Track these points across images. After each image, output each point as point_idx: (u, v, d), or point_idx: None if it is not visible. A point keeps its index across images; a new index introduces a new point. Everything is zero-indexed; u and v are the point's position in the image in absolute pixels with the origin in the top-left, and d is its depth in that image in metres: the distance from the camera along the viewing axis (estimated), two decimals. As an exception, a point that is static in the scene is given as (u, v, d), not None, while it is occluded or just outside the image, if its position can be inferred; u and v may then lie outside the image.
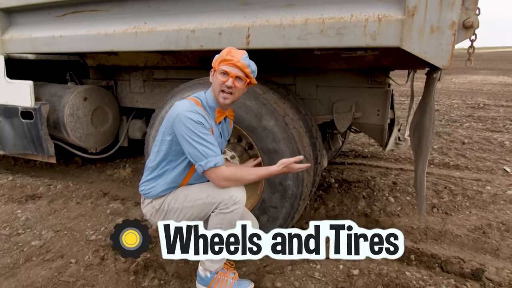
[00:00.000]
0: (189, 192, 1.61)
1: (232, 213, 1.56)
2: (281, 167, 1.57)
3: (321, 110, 2.51)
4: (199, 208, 1.58)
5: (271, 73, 2.55)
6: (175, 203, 1.59)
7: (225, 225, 1.56)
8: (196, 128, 1.47)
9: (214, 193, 1.56)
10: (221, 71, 1.55)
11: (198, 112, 1.51)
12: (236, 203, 1.56)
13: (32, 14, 2.60)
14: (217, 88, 1.58)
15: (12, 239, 2.07)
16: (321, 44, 1.64)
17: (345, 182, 3.11)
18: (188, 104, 1.54)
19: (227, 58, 1.55)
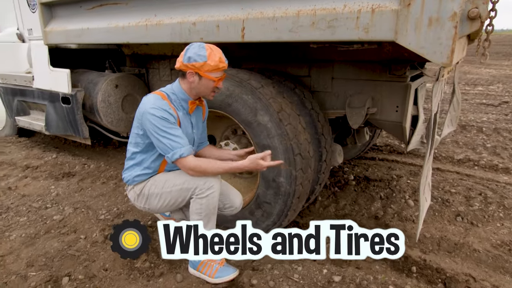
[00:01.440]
0: (168, 178, 1.69)
1: (207, 197, 1.62)
2: (247, 162, 1.60)
3: (336, 104, 2.38)
4: (176, 194, 1.66)
5: (286, 64, 2.47)
6: (155, 188, 1.69)
7: (204, 210, 1.64)
8: (160, 123, 1.55)
9: (190, 179, 1.64)
10: (216, 77, 1.62)
11: (162, 108, 1.58)
12: (210, 187, 1.62)
13: (68, 8, 2.82)
14: (207, 91, 1.66)
15: (40, 212, 2.35)
16: (313, 37, 1.54)
17: (364, 179, 2.94)
18: (152, 100, 1.60)
19: (220, 66, 1.60)
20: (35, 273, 1.77)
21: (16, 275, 1.75)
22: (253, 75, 2.00)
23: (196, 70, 1.59)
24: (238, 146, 2.18)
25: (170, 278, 1.74)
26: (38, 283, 1.70)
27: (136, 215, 2.30)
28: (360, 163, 3.47)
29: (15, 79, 3.68)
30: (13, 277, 1.73)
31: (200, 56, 1.57)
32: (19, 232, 2.10)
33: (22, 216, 2.30)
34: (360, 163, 3.47)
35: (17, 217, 2.28)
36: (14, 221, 2.24)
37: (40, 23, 2.99)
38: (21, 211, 2.35)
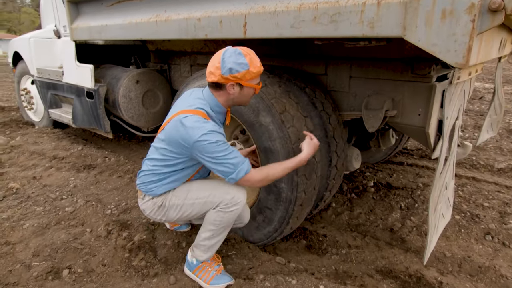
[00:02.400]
0: (190, 189, 1.61)
1: (231, 212, 1.56)
2: (307, 149, 1.54)
3: (353, 105, 2.22)
4: (199, 206, 1.59)
5: (303, 62, 2.34)
6: (176, 199, 1.60)
7: (222, 223, 1.58)
8: (217, 148, 1.40)
9: (216, 192, 1.57)
10: (257, 83, 1.53)
11: (213, 130, 1.42)
12: (237, 203, 1.55)
13: (91, 5, 2.89)
14: (248, 99, 1.57)
15: (55, 202, 2.44)
16: (315, 33, 1.41)
17: (386, 187, 2.73)
18: (198, 124, 1.42)
19: (257, 71, 1.49)
20: (38, 263, 1.82)
21: (21, 263, 1.82)
22: (259, 74, 1.90)
23: (238, 81, 1.45)
24: (243, 146, 2.10)
25: (164, 280, 1.72)
26: (40, 273, 1.76)
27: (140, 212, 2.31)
28: (385, 168, 3.24)
29: (49, 73, 3.89)
30: (18, 266, 1.80)
31: (241, 64, 1.43)
32: (32, 222, 2.19)
33: (39, 205, 2.41)
34: (385, 168, 3.24)
35: (34, 207, 2.39)
36: (31, 210, 2.35)
37: (67, 20, 3.11)
38: (38, 201, 2.46)
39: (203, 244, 1.64)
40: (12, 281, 1.72)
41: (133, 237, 2.00)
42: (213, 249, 1.66)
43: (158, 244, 1.95)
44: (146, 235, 2.00)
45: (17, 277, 1.74)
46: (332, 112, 2.06)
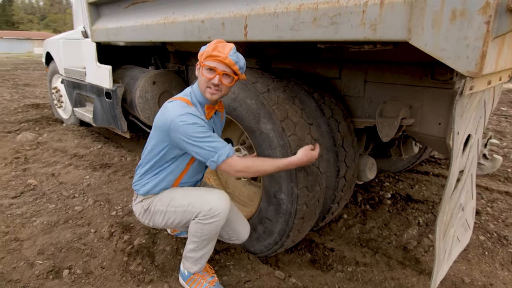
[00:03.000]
0: (174, 196, 1.58)
1: (210, 225, 1.49)
2: (301, 155, 1.46)
3: (368, 111, 2.08)
4: (180, 215, 1.54)
5: (316, 64, 2.23)
6: (160, 205, 1.58)
7: (203, 235, 1.52)
8: (195, 129, 1.38)
9: (195, 202, 1.51)
10: (207, 68, 1.45)
11: (191, 113, 1.41)
12: (215, 215, 1.48)
13: (110, 7, 2.94)
14: (203, 85, 1.48)
15: (67, 201, 2.50)
16: (315, 36, 1.31)
17: (404, 199, 2.54)
18: (178, 107, 1.43)
19: (214, 53, 1.42)
20: (41, 262, 1.86)
21: (25, 261, 1.86)
22: (262, 77, 1.81)
23: (199, 62, 1.49)
24: (248, 153, 2.02)
25: (158, 287, 1.68)
26: (41, 272, 1.79)
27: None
28: (407, 177, 3.04)
29: (74, 73, 4.03)
30: (22, 263, 1.84)
31: (204, 47, 1.47)
32: (43, 219, 2.25)
33: (52, 203, 2.47)
34: (408, 177, 3.03)
35: (47, 204, 2.46)
36: (44, 207, 2.42)
37: (88, 22, 3.18)
38: (52, 199, 2.53)
39: (190, 256, 1.58)
40: (15, 278, 1.76)
41: (133, 240, 1.99)
42: (201, 261, 1.60)
43: (157, 250, 1.92)
44: (146, 240, 1.98)
45: (20, 274, 1.78)
46: (342, 119, 1.93)
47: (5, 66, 13.61)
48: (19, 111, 5.65)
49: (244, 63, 1.51)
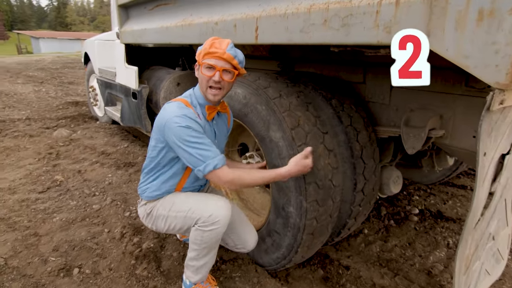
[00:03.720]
0: (175, 201, 1.54)
1: (210, 232, 1.43)
2: (292, 166, 1.38)
3: (394, 120, 1.91)
4: (181, 221, 1.50)
5: (339, 68, 2.10)
6: (162, 210, 1.55)
7: (203, 243, 1.47)
8: (187, 133, 1.35)
9: (195, 208, 1.46)
10: (206, 66, 1.40)
11: (186, 115, 1.38)
12: (214, 223, 1.42)
13: (138, 9, 2.99)
14: (204, 85, 1.44)
15: (87, 198, 2.57)
16: (325, 39, 1.19)
17: (434, 216, 2.32)
18: (175, 108, 1.41)
19: (211, 50, 1.38)
20: (54, 259, 1.91)
21: (40, 257, 1.92)
22: (276, 82, 1.72)
23: (198, 61, 1.44)
24: (262, 160, 1.94)
25: (161, 294, 1.65)
26: (53, 269, 1.83)
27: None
28: (440, 191, 2.79)
29: (106, 73, 4.17)
30: (36, 259, 1.90)
31: (201, 47, 1.44)
32: (63, 216, 2.32)
33: (73, 200, 2.55)
34: (441, 191, 2.78)
35: (69, 200, 2.54)
36: (66, 203, 2.50)
37: (118, 24, 3.27)
38: (74, 196, 2.61)
39: (191, 264, 1.53)
40: (29, 273, 1.81)
41: (142, 243, 1.98)
42: (202, 270, 1.54)
43: (164, 255, 1.90)
44: (154, 244, 1.96)
45: (33, 270, 1.83)
46: (362, 127, 1.78)
47: (55, 65, 14.60)
48: (60, 108, 5.98)
49: (243, 57, 1.47)
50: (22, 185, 2.81)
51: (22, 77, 10.39)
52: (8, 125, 4.65)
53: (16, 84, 8.94)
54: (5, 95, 7.27)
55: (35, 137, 4.11)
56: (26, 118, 5.10)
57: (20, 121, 4.90)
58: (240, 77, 1.55)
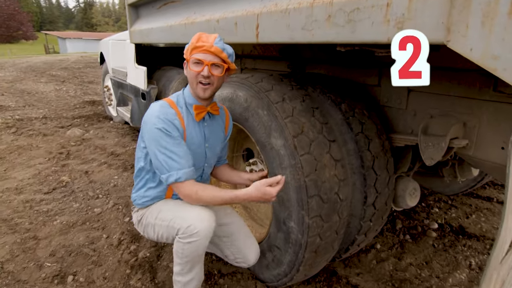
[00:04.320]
0: (162, 209, 1.46)
1: (190, 245, 1.32)
2: (252, 189, 1.29)
3: (411, 126, 1.75)
4: (166, 230, 1.41)
5: (353, 69, 1.94)
6: (150, 218, 1.47)
7: (185, 256, 1.36)
8: (160, 135, 1.30)
9: (176, 218, 1.37)
10: (194, 61, 1.33)
11: (166, 118, 1.32)
12: (192, 235, 1.31)
13: (146, 8, 2.92)
14: (193, 81, 1.37)
15: (90, 201, 2.52)
16: (329, 37, 1.06)
17: (455, 232, 2.11)
18: (157, 107, 1.36)
19: (198, 44, 1.32)
20: (50, 265, 1.85)
21: (36, 262, 1.87)
22: (280, 84, 1.59)
23: (186, 58, 1.39)
24: (265, 168, 1.81)
25: (153, 309, 1.56)
26: (48, 276, 1.77)
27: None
28: (463, 203, 2.57)
29: (119, 73, 4.16)
30: (32, 264, 1.85)
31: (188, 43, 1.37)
32: (64, 218, 2.28)
33: (77, 202, 2.51)
34: (464, 203, 2.56)
35: (73, 203, 2.50)
36: (69, 206, 2.46)
37: (128, 23, 3.22)
38: (78, 198, 2.57)
39: (177, 280, 1.42)
40: (23, 279, 1.76)
41: (138, 252, 1.90)
42: (189, 286, 1.42)
43: (160, 265, 1.81)
44: (151, 253, 1.88)
45: (28, 275, 1.78)
46: (374, 135, 1.62)
47: (78, 64, 14.99)
48: (77, 107, 6.06)
49: (232, 51, 1.39)
50: (29, 185, 2.80)
51: (46, 76, 10.70)
52: (25, 124, 4.73)
53: (39, 83, 9.19)
54: (27, 94, 7.48)
55: (49, 136, 4.15)
56: (43, 116, 5.19)
57: (37, 120, 4.98)
58: (231, 72, 1.46)
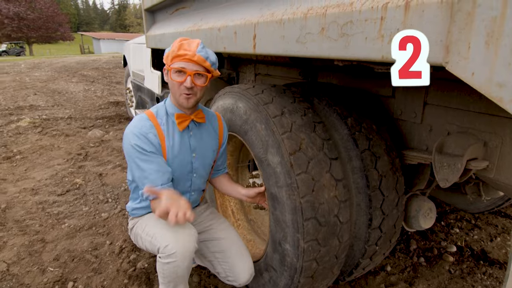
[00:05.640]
0: (148, 223, 1.42)
1: (168, 265, 1.28)
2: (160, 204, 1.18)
3: (426, 143, 1.61)
4: (149, 245, 1.38)
5: (365, 79, 1.83)
6: (140, 229, 1.44)
7: (164, 276, 1.31)
8: (133, 153, 1.29)
9: (157, 236, 1.33)
10: (176, 70, 1.26)
11: (139, 133, 1.29)
12: (170, 255, 1.26)
13: (161, 13, 2.93)
14: (176, 91, 1.30)
15: (99, 205, 2.54)
16: (322, 52, 0.97)
17: (475, 256, 1.93)
18: (135, 122, 1.33)
19: (180, 53, 1.25)
20: (52, 269, 1.87)
21: (40, 266, 1.89)
22: (281, 97, 1.50)
23: (164, 63, 1.33)
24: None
25: (145, 324, 1.52)
26: (49, 281, 1.79)
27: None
28: (488, 223, 2.36)
29: (138, 77, 4.22)
30: (36, 268, 1.88)
31: (168, 48, 1.32)
32: (72, 222, 2.31)
33: (86, 205, 2.55)
34: (489, 223, 2.36)
35: (82, 206, 2.54)
36: (79, 209, 2.50)
37: (145, 28, 3.24)
38: (88, 201, 2.61)
39: None
40: (26, 283, 1.79)
41: (137, 262, 1.88)
42: None
43: (157, 278, 1.77)
44: (149, 264, 1.85)
45: (31, 279, 1.81)
46: (383, 152, 1.50)
47: (109, 65, 15.54)
48: (102, 107, 6.24)
49: (215, 58, 1.33)
50: (45, 186, 2.88)
51: (77, 76, 11.16)
52: (50, 124, 4.92)
53: (70, 83, 9.59)
54: (57, 93, 7.81)
55: (71, 137, 4.28)
56: (68, 117, 5.38)
57: (62, 120, 5.16)
58: (213, 79, 1.40)
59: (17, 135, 4.33)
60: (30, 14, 32.95)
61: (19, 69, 13.39)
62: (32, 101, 6.68)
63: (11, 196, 2.67)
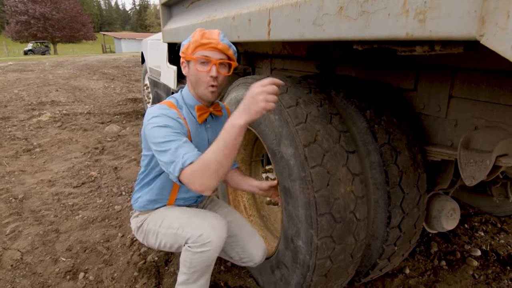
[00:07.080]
0: (166, 216, 1.38)
1: (200, 254, 1.25)
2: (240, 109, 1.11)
3: (451, 138, 1.52)
4: (171, 238, 1.34)
5: (386, 71, 1.74)
6: (153, 225, 1.40)
7: (193, 266, 1.28)
8: (163, 132, 1.16)
9: (186, 225, 1.29)
10: (201, 60, 1.22)
11: (165, 115, 1.21)
12: (205, 244, 1.23)
13: (176, 7, 2.92)
14: (200, 82, 1.25)
15: (113, 198, 2.55)
16: (340, 33, 0.90)
17: (501, 262, 1.81)
18: (155, 109, 1.26)
19: (204, 41, 1.21)
20: (64, 260, 1.88)
21: (52, 256, 1.91)
22: (296, 87, 1.44)
23: (185, 58, 1.27)
24: (279, 177, 1.68)
25: (154, 317, 1.50)
26: (61, 271, 1.80)
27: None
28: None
29: (155, 72, 4.24)
30: (48, 258, 1.89)
31: (187, 39, 1.28)
32: (86, 213, 2.33)
33: (100, 198, 2.56)
34: (516, 229, 2.21)
35: (97, 198, 2.55)
36: (93, 201, 2.52)
37: (161, 23, 3.24)
38: (102, 194, 2.62)
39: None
40: (39, 272, 1.80)
41: (147, 255, 1.86)
42: None
43: (167, 271, 1.75)
44: (160, 257, 1.83)
45: (43, 269, 1.82)
46: (404, 147, 1.42)
47: (129, 63, 15.85)
48: (120, 104, 6.34)
49: (235, 48, 1.32)
50: (62, 178, 2.92)
51: (98, 74, 11.41)
52: (70, 118, 5.03)
53: (91, 80, 9.82)
54: (78, 90, 8.00)
55: (89, 131, 4.35)
56: (88, 112, 5.48)
57: (81, 115, 5.27)
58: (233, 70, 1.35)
59: (37, 129, 4.44)
60: (55, 15, 34.08)
61: (43, 67, 13.83)
62: (54, 97, 6.85)
63: (29, 187, 2.72)
